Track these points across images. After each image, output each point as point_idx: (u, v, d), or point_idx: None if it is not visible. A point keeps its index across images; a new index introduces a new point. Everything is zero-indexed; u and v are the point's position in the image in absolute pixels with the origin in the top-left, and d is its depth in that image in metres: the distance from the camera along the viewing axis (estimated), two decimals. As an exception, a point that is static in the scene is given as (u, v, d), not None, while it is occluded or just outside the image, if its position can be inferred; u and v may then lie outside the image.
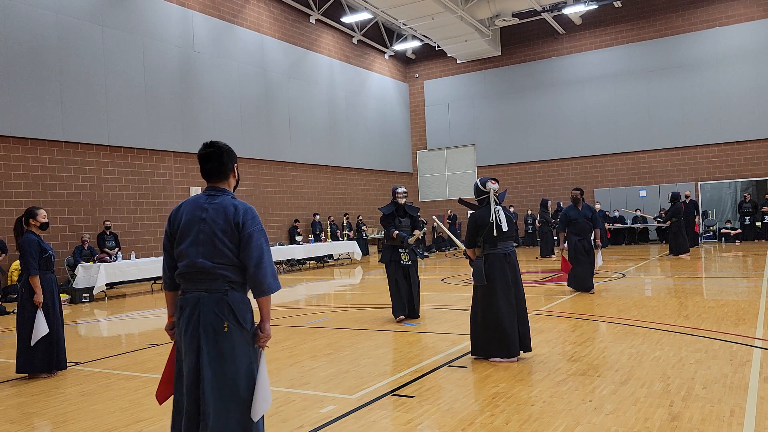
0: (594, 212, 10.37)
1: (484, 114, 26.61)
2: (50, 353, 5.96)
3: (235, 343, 2.90)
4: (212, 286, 2.93)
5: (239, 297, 2.96)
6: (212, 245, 2.94)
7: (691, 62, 22.53)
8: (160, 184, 16.66)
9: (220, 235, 2.93)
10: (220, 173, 3.09)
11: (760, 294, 9.01)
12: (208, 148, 3.09)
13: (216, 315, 2.90)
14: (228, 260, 2.94)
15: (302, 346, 6.85)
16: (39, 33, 13.90)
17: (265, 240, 2.98)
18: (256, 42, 19.92)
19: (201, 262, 2.94)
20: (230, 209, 2.97)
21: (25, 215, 6.17)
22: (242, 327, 2.93)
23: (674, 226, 16.42)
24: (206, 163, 3.09)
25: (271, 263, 2.96)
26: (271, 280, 2.93)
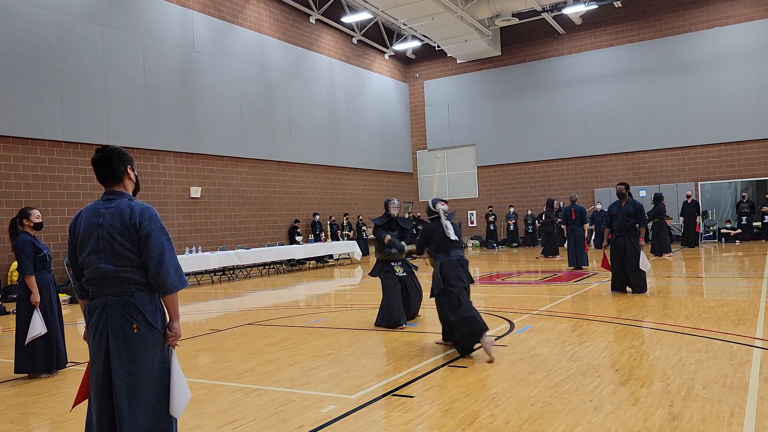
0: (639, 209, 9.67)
1: (484, 114, 26.61)
2: (50, 353, 5.96)
3: (146, 344, 2.91)
4: (118, 289, 2.94)
5: (146, 298, 2.95)
6: (112, 249, 2.93)
7: (691, 62, 22.53)
8: (160, 184, 16.66)
9: (118, 238, 2.93)
10: (112, 177, 3.10)
11: (760, 294, 9.01)
12: (98, 152, 3.11)
13: (124, 317, 2.90)
14: (130, 262, 2.94)
15: (302, 346, 6.85)
16: (39, 33, 13.90)
17: (165, 238, 2.96)
18: (256, 42, 19.92)
19: (104, 267, 2.94)
20: (126, 211, 2.96)
21: (19, 216, 6.15)
22: (152, 327, 2.94)
23: (656, 226, 16.50)
24: (97, 167, 3.10)
25: (173, 261, 2.94)
26: (174, 278, 2.91)
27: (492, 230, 25.34)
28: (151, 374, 2.92)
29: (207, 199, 17.97)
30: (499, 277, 13.70)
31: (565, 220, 14.67)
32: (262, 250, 16.94)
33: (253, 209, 19.57)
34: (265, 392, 4.97)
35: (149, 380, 2.91)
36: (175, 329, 3.00)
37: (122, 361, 2.88)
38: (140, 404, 2.89)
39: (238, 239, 18.81)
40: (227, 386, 5.21)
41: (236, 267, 16.46)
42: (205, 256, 14.94)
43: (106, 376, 2.92)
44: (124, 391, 2.87)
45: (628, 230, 9.63)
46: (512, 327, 7.28)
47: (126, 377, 2.88)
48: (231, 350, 6.79)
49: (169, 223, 16.82)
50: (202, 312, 10.44)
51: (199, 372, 5.83)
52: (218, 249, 17.14)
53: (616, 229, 9.73)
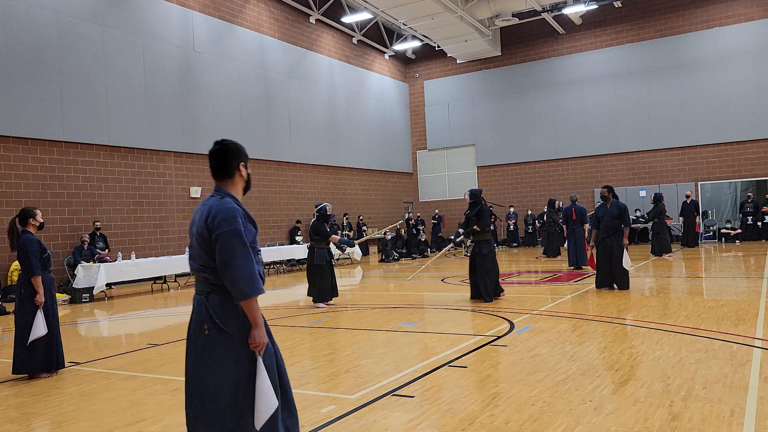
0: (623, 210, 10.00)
1: (484, 114, 26.61)
2: (50, 353, 5.96)
3: (216, 347, 2.81)
4: (199, 287, 2.92)
5: (218, 300, 2.84)
6: (197, 248, 2.90)
7: (691, 62, 22.53)
8: (160, 184, 16.65)
9: (199, 237, 2.89)
10: (223, 171, 3.04)
11: (760, 294, 9.01)
12: (215, 145, 3.05)
13: (199, 317, 2.87)
14: (207, 262, 2.86)
15: (302, 346, 6.85)
16: (39, 33, 13.90)
17: (238, 242, 2.80)
18: (256, 42, 19.92)
19: (191, 264, 2.95)
20: (207, 211, 2.89)
21: (22, 216, 6.09)
22: (222, 331, 2.81)
23: (656, 226, 16.50)
24: (211, 160, 3.05)
25: (244, 266, 2.77)
26: (244, 284, 2.75)
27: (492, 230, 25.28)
28: (221, 379, 2.79)
29: (207, 199, 17.94)
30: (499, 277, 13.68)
31: (565, 220, 14.67)
32: (262, 250, 16.94)
33: (253, 209, 19.56)
34: (265, 392, 4.96)
35: (218, 385, 2.78)
36: (253, 337, 2.81)
37: (193, 361, 2.86)
38: (206, 407, 2.80)
39: (238, 239, 18.77)
40: (227, 386, 5.20)
41: (236, 267, 16.42)
42: (205, 256, 14.91)
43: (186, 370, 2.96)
44: (190, 390, 2.84)
45: (614, 231, 9.99)
46: (512, 327, 7.28)
47: (195, 377, 2.84)
48: (231, 350, 6.78)
49: (169, 223, 16.82)
50: (202, 312, 10.42)
51: (199, 372, 5.83)
52: (218, 249, 17.11)
53: (603, 230, 10.13)
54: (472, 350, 6.11)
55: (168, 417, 4.44)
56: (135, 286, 15.12)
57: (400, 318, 8.42)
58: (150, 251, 16.08)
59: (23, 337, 5.87)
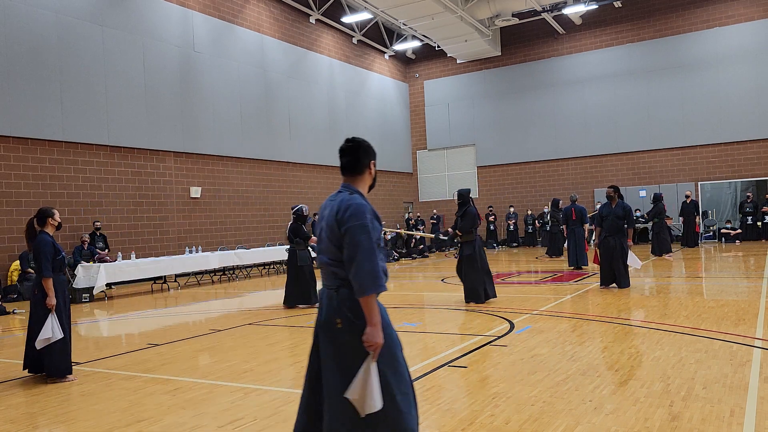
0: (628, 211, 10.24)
1: (484, 114, 26.61)
2: (68, 355, 5.84)
3: (348, 340, 2.85)
4: (329, 281, 2.97)
5: (349, 294, 2.86)
6: (326, 242, 2.95)
7: (691, 62, 22.53)
8: (160, 184, 16.66)
9: (329, 232, 2.93)
10: (353, 169, 3.07)
11: (760, 294, 9.01)
12: (348, 142, 3.08)
13: (329, 310, 2.91)
14: (337, 257, 2.90)
15: (302, 346, 6.85)
16: (39, 33, 13.90)
17: (365, 237, 2.80)
18: (256, 42, 19.92)
19: (321, 258, 2.99)
20: (337, 205, 2.94)
21: (40, 215, 6.00)
22: (354, 324, 2.84)
23: (656, 226, 16.49)
24: (343, 157, 3.08)
25: (369, 261, 2.78)
26: (367, 280, 2.75)
27: (492, 230, 25.32)
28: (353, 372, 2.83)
29: (207, 199, 17.97)
30: (499, 277, 13.69)
31: (565, 220, 14.67)
32: (262, 250, 16.94)
33: (253, 209, 19.57)
34: (265, 392, 4.97)
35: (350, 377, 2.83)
36: (367, 334, 2.79)
37: (326, 355, 2.91)
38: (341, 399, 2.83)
39: (238, 239, 18.81)
40: (227, 386, 5.21)
41: (236, 267, 16.45)
42: (205, 256, 14.94)
43: (314, 363, 3.00)
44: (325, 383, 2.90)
45: (617, 231, 10.22)
46: (512, 327, 7.28)
47: (330, 369, 2.88)
48: (231, 350, 6.79)
49: (169, 223, 16.82)
50: (202, 312, 10.44)
51: (199, 372, 5.83)
52: (218, 249, 17.14)
53: (606, 229, 10.33)
54: (472, 350, 6.11)
55: (168, 417, 4.44)
56: (135, 286, 15.12)
57: (400, 318, 8.42)
58: (150, 251, 16.08)
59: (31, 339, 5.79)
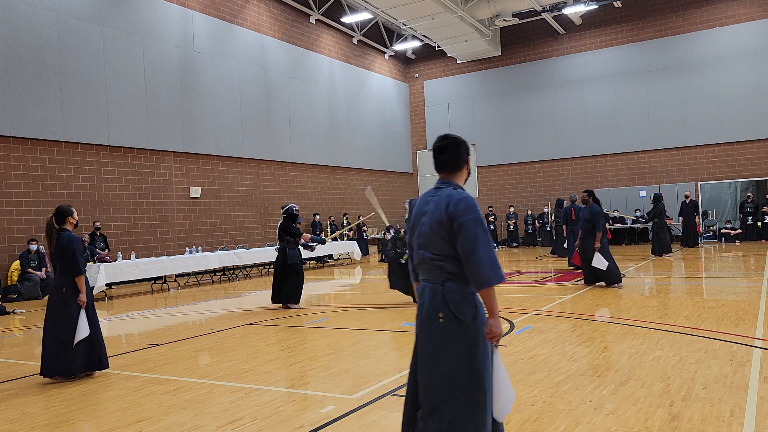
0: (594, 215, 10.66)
1: (484, 114, 26.61)
2: (93, 352, 5.82)
3: (451, 335, 2.85)
4: (432, 276, 2.96)
5: (456, 289, 2.88)
6: (431, 237, 2.95)
7: (691, 62, 22.53)
8: (160, 184, 16.66)
9: (436, 227, 2.93)
10: (454, 165, 3.09)
11: (760, 294, 9.01)
12: (445, 140, 3.10)
13: (433, 305, 2.91)
14: (444, 251, 2.91)
15: (302, 346, 6.85)
16: (39, 33, 13.91)
17: (481, 230, 2.84)
18: (256, 42, 19.92)
19: (423, 253, 2.99)
20: (445, 200, 2.94)
21: (59, 214, 5.88)
22: (458, 320, 2.85)
23: (656, 226, 16.47)
24: (442, 154, 3.08)
25: (488, 254, 2.81)
26: (488, 272, 2.78)
27: (492, 230, 25.33)
28: (457, 367, 2.82)
29: (207, 199, 17.97)
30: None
31: (565, 221, 14.68)
32: (262, 250, 16.94)
33: (253, 209, 19.57)
34: (265, 392, 4.97)
35: (452, 373, 2.82)
36: (490, 326, 2.85)
37: (427, 348, 2.90)
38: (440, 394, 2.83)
39: (238, 239, 18.81)
40: (227, 386, 5.21)
41: (236, 267, 16.46)
42: (205, 256, 14.94)
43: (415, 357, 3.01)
44: (425, 377, 2.89)
45: (588, 233, 10.73)
46: (512, 327, 7.28)
47: (430, 364, 2.89)
48: (231, 350, 6.79)
49: (169, 223, 16.82)
50: (202, 312, 10.44)
51: (199, 372, 5.83)
52: (218, 249, 17.14)
53: (582, 232, 10.93)
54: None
55: (168, 417, 4.45)
56: (135, 286, 15.13)
57: (400, 318, 8.42)
58: (150, 251, 16.09)
59: (64, 338, 5.64)
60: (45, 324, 5.83)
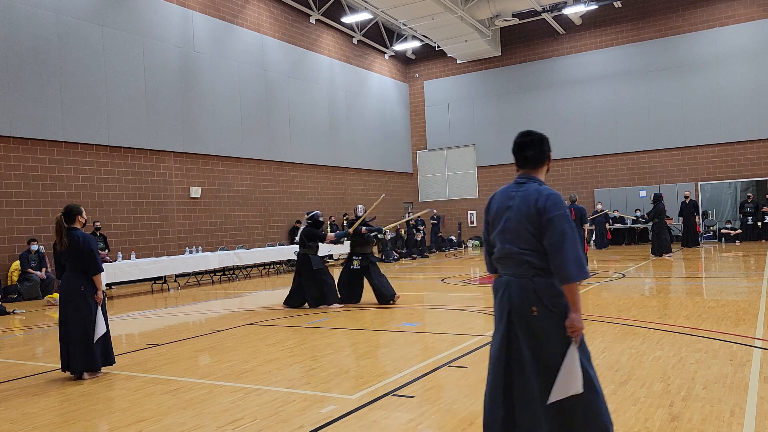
0: None
1: (484, 114, 26.62)
2: (107, 348, 5.96)
3: (546, 327, 2.92)
4: (519, 270, 3.01)
5: (546, 283, 2.95)
6: (517, 232, 3.00)
7: (691, 62, 22.53)
8: (160, 184, 16.66)
9: (524, 221, 2.98)
10: (537, 161, 3.14)
11: (760, 294, 9.01)
12: (528, 136, 3.15)
13: (524, 299, 2.96)
14: (532, 246, 2.97)
15: (302, 346, 6.85)
16: (39, 33, 13.91)
17: (568, 226, 2.91)
18: (256, 42, 19.92)
19: (508, 247, 3.03)
20: (534, 195, 2.99)
21: (68, 213, 5.88)
22: (551, 312, 2.92)
23: (656, 226, 16.46)
24: (526, 150, 3.13)
25: (574, 249, 2.87)
26: (573, 267, 2.85)
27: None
28: (554, 359, 2.90)
29: (207, 199, 17.97)
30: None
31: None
32: (262, 250, 16.94)
33: (253, 209, 19.57)
34: (265, 392, 4.97)
35: (552, 362, 2.90)
36: (573, 320, 2.90)
37: (525, 342, 2.95)
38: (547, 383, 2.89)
39: (238, 239, 18.81)
40: (227, 386, 5.21)
41: (236, 267, 16.45)
42: (205, 256, 14.94)
43: (504, 351, 3.02)
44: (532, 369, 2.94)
45: None
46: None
47: (531, 356, 2.94)
48: (231, 350, 6.79)
49: (169, 223, 16.82)
50: (202, 312, 10.44)
51: (199, 372, 5.83)
52: (218, 249, 17.14)
53: None
54: (472, 350, 6.11)
55: (168, 417, 4.44)
56: (135, 286, 15.13)
57: (400, 318, 8.42)
58: (150, 251, 16.09)
59: (86, 336, 5.74)
60: (66, 323, 5.82)
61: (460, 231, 27.05)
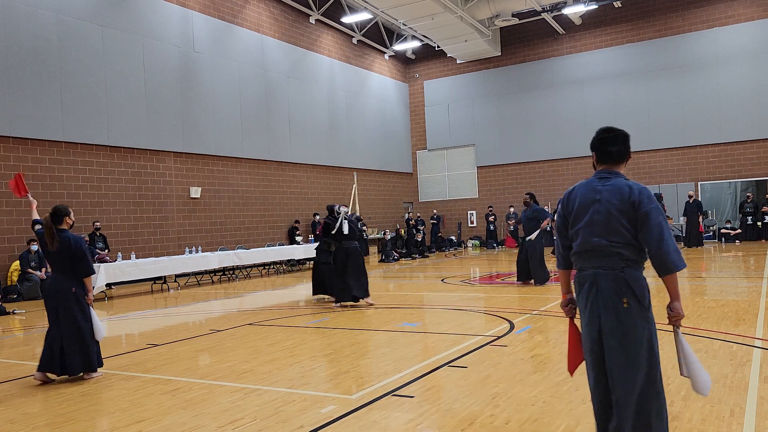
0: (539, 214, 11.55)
1: (484, 114, 26.61)
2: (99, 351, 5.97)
3: (635, 319, 2.98)
4: (608, 263, 3.04)
5: (636, 275, 3.01)
6: (607, 225, 3.03)
7: (691, 62, 22.53)
8: (160, 184, 16.66)
9: (616, 214, 3.01)
10: (621, 156, 3.20)
11: (760, 294, 9.01)
12: (611, 132, 3.21)
13: (614, 291, 3.00)
14: (623, 239, 3.01)
15: (302, 346, 6.85)
16: (39, 33, 13.91)
17: (663, 218, 2.98)
18: (256, 42, 19.92)
19: (596, 241, 3.06)
20: (625, 189, 3.04)
21: (56, 213, 5.80)
22: (641, 304, 2.99)
23: None
24: (612, 146, 3.18)
25: (671, 241, 2.97)
26: (675, 257, 2.94)
27: (492, 230, 25.33)
28: (641, 349, 2.96)
29: (207, 199, 17.97)
30: (499, 277, 13.70)
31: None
32: (262, 250, 16.94)
33: (253, 209, 19.57)
34: (265, 392, 4.97)
35: (639, 355, 2.96)
36: (676, 309, 3.00)
37: (613, 334, 2.99)
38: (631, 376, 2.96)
39: (238, 239, 18.81)
40: (227, 386, 5.21)
41: (236, 267, 16.45)
42: (205, 256, 14.94)
43: (598, 345, 3.07)
44: (616, 362, 2.99)
45: (530, 231, 11.44)
46: (512, 327, 7.28)
47: (617, 349, 2.98)
48: (231, 350, 6.79)
49: (169, 223, 16.82)
50: (202, 312, 10.44)
51: (199, 372, 5.83)
52: (218, 249, 17.14)
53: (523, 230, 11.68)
54: (472, 350, 6.11)
55: (168, 417, 4.44)
56: (135, 287, 15.12)
57: (400, 318, 8.42)
58: (150, 251, 16.09)
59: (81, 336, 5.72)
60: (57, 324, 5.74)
61: (460, 231, 27.04)
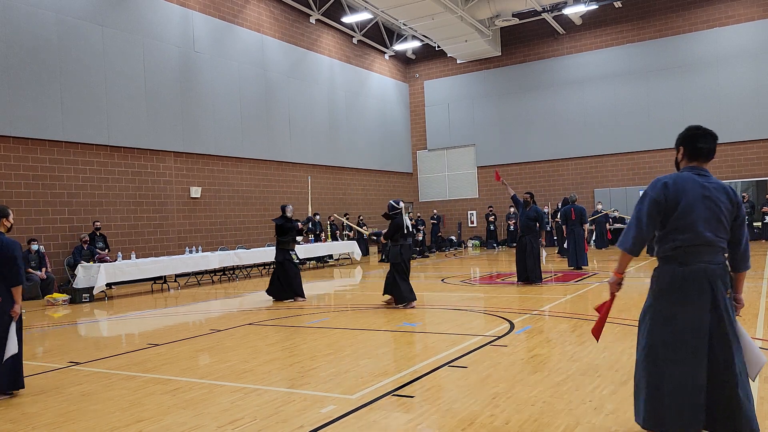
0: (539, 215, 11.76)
1: (484, 114, 26.62)
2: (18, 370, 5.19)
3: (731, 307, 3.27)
4: (715, 258, 3.26)
5: (727, 268, 3.33)
6: (717, 221, 3.25)
7: (691, 62, 22.54)
8: (160, 184, 16.66)
9: (724, 212, 3.25)
10: (711, 155, 3.46)
11: (760, 294, 9.01)
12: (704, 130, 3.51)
13: (723, 284, 3.25)
14: (727, 236, 3.29)
15: (302, 346, 6.85)
16: (39, 33, 13.91)
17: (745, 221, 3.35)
18: (256, 42, 19.92)
19: (708, 235, 3.23)
20: (729, 189, 3.31)
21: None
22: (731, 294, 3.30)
23: None
24: (710, 143, 3.46)
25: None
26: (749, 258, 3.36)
27: (492, 230, 25.33)
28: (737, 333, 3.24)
29: (207, 199, 17.97)
30: (499, 277, 13.71)
31: (564, 221, 14.69)
32: (262, 250, 16.94)
33: (253, 209, 19.57)
34: (265, 392, 4.97)
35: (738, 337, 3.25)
36: (741, 300, 3.38)
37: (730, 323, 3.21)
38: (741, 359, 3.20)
39: (238, 239, 18.81)
40: (227, 386, 5.21)
41: (236, 267, 16.46)
42: (205, 256, 14.94)
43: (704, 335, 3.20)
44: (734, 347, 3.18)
45: (529, 231, 11.61)
46: (512, 327, 7.28)
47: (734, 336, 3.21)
48: (231, 350, 6.79)
49: (169, 223, 16.82)
50: (202, 312, 10.44)
51: (199, 372, 5.84)
52: (218, 249, 17.14)
53: (520, 229, 11.82)
54: (472, 350, 6.11)
55: (168, 417, 4.45)
56: (135, 286, 15.12)
57: (400, 318, 8.43)
58: (150, 251, 16.09)
59: None
60: None
61: (460, 231, 27.04)
